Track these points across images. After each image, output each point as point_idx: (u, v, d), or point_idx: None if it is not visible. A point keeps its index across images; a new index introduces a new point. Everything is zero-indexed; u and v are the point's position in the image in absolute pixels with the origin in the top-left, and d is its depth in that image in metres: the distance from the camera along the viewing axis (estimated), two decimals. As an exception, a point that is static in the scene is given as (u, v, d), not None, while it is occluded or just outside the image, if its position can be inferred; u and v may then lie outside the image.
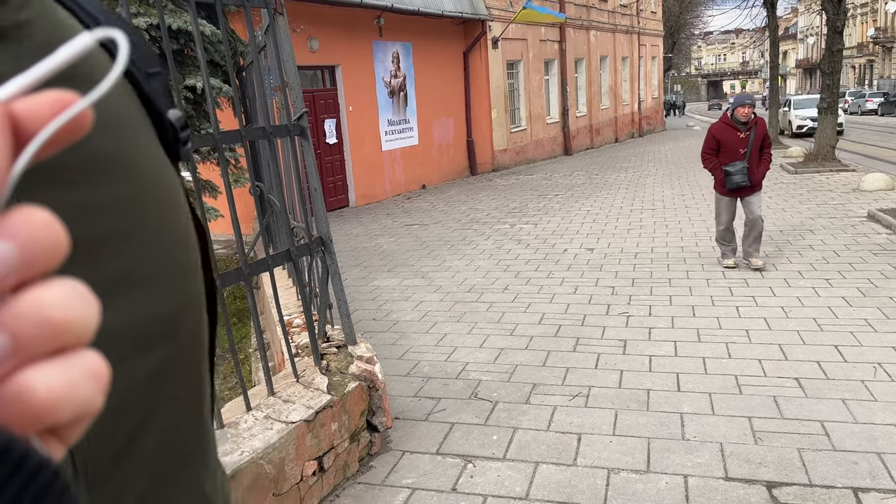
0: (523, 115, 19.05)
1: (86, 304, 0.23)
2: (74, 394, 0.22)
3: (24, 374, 0.21)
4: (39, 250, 0.22)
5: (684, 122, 39.72)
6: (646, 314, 5.14)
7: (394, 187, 14.30)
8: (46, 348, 0.22)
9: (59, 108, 0.22)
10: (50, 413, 0.21)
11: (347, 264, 7.57)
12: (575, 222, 9.37)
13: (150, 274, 0.43)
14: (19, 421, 0.21)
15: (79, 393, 0.22)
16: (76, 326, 0.22)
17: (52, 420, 0.21)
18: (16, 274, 0.21)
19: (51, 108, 0.22)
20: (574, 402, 3.70)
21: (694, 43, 72.55)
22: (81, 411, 0.22)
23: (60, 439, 0.23)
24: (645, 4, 28.49)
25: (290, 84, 3.21)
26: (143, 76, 0.48)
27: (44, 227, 0.22)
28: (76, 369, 0.22)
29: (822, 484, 2.77)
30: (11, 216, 0.21)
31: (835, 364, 3.95)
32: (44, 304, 0.22)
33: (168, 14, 6.11)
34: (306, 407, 2.88)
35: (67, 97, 0.23)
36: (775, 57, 19.10)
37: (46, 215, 0.22)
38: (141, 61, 0.49)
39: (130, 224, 0.42)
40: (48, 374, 0.21)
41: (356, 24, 12.60)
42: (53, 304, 0.22)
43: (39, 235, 0.22)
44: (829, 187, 10.74)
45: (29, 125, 0.22)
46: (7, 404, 0.21)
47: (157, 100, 0.49)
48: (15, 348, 0.21)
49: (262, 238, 5.03)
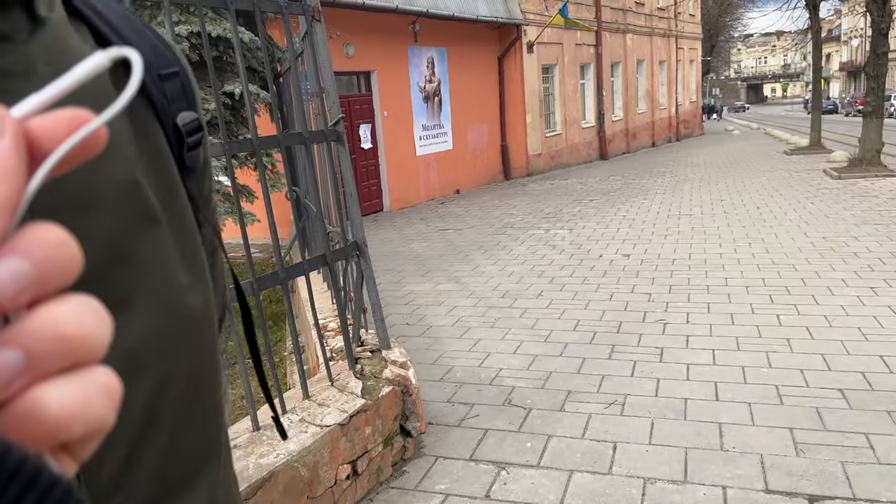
0: (558, 120, 18.95)
1: (99, 320, 0.23)
2: (87, 410, 0.22)
3: (38, 390, 0.21)
4: (54, 267, 0.22)
5: (723, 126, 39.06)
6: (683, 321, 5.06)
7: (428, 192, 14.34)
8: (60, 364, 0.22)
9: (74, 127, 0.23)
10: (63, 429, 0.21)
11: (381, 269, 7.61)
12: (611, 228, 9.27)
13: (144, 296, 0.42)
14: (33, 437, 0.21)
15: (92, 409, 0.22)
16: (90, 342, 0.22)
17: (65, 436, 0.21)
18: (30, 290, 0.21)
19: (66, 126, 0.23)
20: (609, 410, 3.65)
21: (733, 46, 71.35)
22: (94, 427, 0.22)
23: (73, 455, 0.23)
24: (683, 7, 28.12)
25: (326, 90, 3.24)
26: (154, 79, 0.48)
27: (59, 244, 0.22)
28: (89, 385, 0.22)
29: (867, 498, 2.68)
30: (27, 233, 0.22)
31: (880, 375, 3.83)
32: (58, 320, 0.22)
33: (208, 22, 6.23)
34: (340, 411, 2.90)
35: (82, 115, 0.23)
36: (818, 59, 18.69)
37: (61, 232, 0.22)
38: (155, 62, 0.48)
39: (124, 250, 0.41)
40: (62, 390, 0.21)
41: (391, 30, 12.69)
42: (67, 320, 0.22)
43: (54, 253, 0.22)
44: (874, 193, 10.45)
45: (44, 143, 0.22)
46: (21, 420, 0.21)
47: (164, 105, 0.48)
48: (29, 364, 0.21)
49: (298, 242, 5.08)
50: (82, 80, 0.23)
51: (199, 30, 2.57)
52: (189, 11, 6.32)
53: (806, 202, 10.07)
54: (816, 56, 18.66)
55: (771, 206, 10.01)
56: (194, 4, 2.49)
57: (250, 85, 6.70)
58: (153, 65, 0.48)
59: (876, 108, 12.47)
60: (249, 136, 2.72)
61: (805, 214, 9.07)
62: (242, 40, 6.32)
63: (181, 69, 0.50)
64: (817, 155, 16.97)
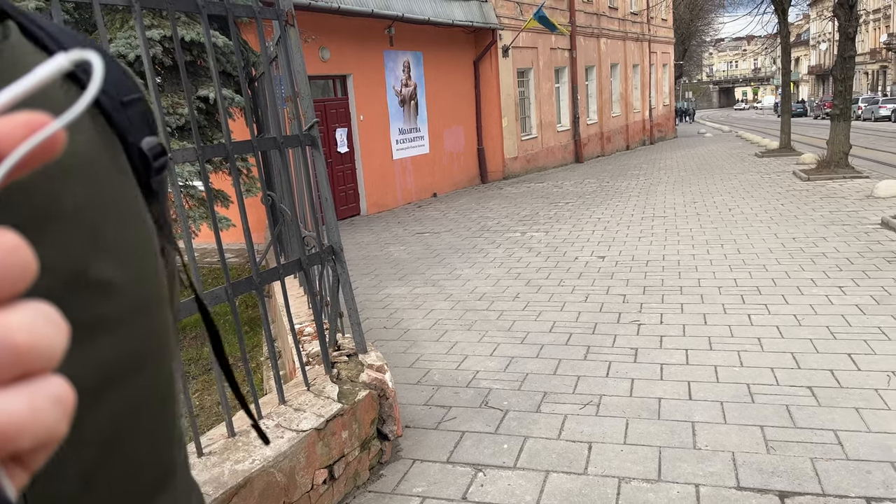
0: (534, 123, 19.06)
1: (53, 328, 0.22)
2: (37, 420, 0.21)
3: None
4: (6, 273, 0.21)
5: (696, 129, 39.57)
6: (657, 322, 5.13)
7: (405, 196, 14.34)
8: (9, 374, 0.21)
9: (31, 130, 0.22)
10: (11, 440, 0.21)
11: (358, 273, 7.60)
12: (586, 230, 9.35)
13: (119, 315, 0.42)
14: None
15: (42, 419, 0.21)
16: (42, 351, 0.21)
17: (12, 447, 0.21)
18: None
19: (23, 129, 0.22)
20: (585, 411, 3.69)
21: (705, 50, 72.36)
22: (45, 438, 0.22)
23: (24, 466, 0.22)
24: (655, 12, 28.47)
25: (300, 94, 3.24)
26: (117, 105, 0.48)
27: (11, 249, 0.21)
28: (39, 395, 0.21)
29: (836, 493, 2.74)
30: None
31: (848, 372, 3.92)
32: (7, 327, 0.21)
33: (181, 26, 6.19)
34: (317, 415, 2.90)
35: (40, 119, 0.22)
36: (787, 63, 19.00)
37: (14, 237, 0.21)
38: (116, 89, 0.48)
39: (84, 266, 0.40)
40: (10, 400, 0.21)
41: (367, 34, 12.68)
42: (17, 329, 0.21)
43: (6, 259, 0.21)
44: (843, 194, 10.66)
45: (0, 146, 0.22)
46: None
47: (128, 130, 0.47)
48: None
49: (273, 247, 5.05)
50: (41, 83, 0.23)
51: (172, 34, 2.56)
52: (161, 16, 6.27)
53: (776, 203, 10.25)
54: (785, 60, 18.98)
55: (742, 207, 10.17)
56: (166, 9, 2.48)
57: (225, 89, 6.67)
58: (116, 92, 0.48)
59: (843, 111, 12.72)
60: (224, 140, 2.71)
61: (775, 216, 9.23)
62: (217, 44, 6.28)
63: (141, 95, 0.51)
64: (787, 157, 17.28)
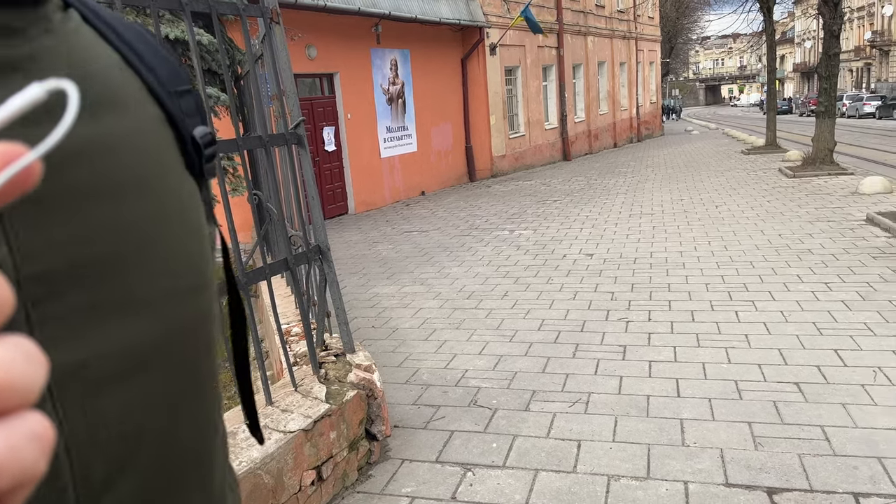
0: (522, 121, 19.07)
1: (29, 363, 0.21)
2: (14, 459, 0.20)
3: None
4: None
5: (683, 127, 39.76)
6: (645, 319, 5.14)
7: (393, 194, 14.31)
8: None
9: (6, 161, 0.21)
10: None
11: (346, 272, 7.57)
12: (574, 228, 9.37)
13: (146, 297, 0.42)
14: None
15: (19, 458, 0.20)
16: (18, 387, 0.21)
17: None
18: None
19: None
20: (574, 409, 3.69)
21: (692, 48, 72.74)
22: (22, 477, 0.21)
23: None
24: (642, 10, 28.57)
25: (286, 93, 3.21)
26: (169, 95, 0.50)
27: None
28: (16, 433, 0.21)
29: (823, 489, 2.76)
30: None
31: (835, 368, 3.94)
32: None
33: (165, 24, 6.13)
34: (304, 416, 2.87)
35: (14, 150, 0.22)
36: (773, 61, 19.14)
37: None
38: (168, 80, 0.50)
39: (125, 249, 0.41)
40: None
41: (354, 32, 12.63)
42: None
43: None
44: (828, 191, 10.74)
45: None
46: None
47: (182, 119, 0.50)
48: None
49: (260, 247, 5.02)
50: (17, 114, 0.22)
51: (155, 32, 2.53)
52: (144, 13, 6.21)
53: (763, 200, 10.31)
54: (771, 58, 19.12)
55: (729, 204, 10.23)
56: (149, 6, 2.45)
57: (210, 87, 6.61)
58: (170, 82, 0.51)
59: (828, 108, 12.81)
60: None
61: (762, 212, 9.28)
62: (201, 42, 6.23)
63: (191, 86, 0.54)
64: (773, 154, 17.38)
